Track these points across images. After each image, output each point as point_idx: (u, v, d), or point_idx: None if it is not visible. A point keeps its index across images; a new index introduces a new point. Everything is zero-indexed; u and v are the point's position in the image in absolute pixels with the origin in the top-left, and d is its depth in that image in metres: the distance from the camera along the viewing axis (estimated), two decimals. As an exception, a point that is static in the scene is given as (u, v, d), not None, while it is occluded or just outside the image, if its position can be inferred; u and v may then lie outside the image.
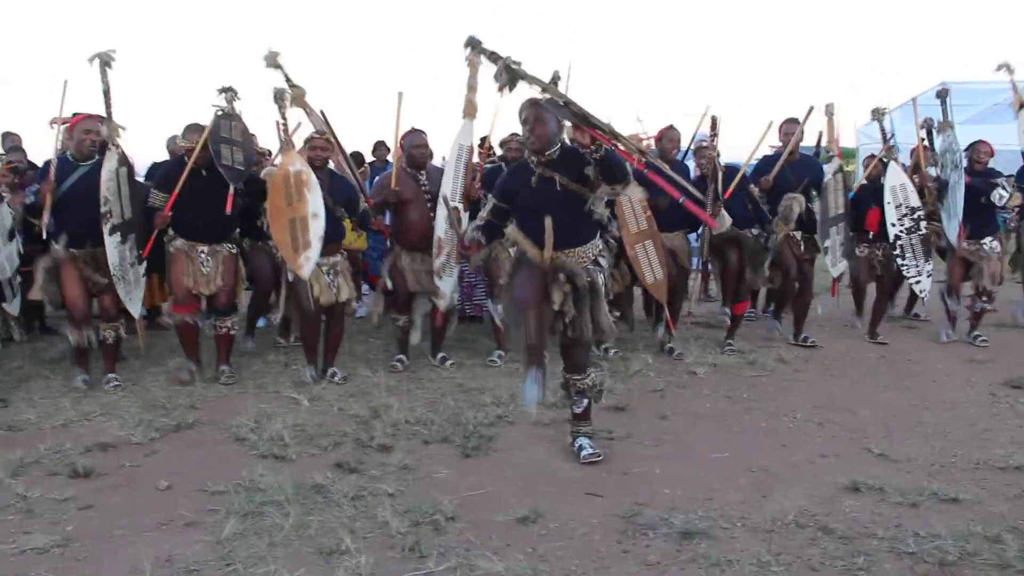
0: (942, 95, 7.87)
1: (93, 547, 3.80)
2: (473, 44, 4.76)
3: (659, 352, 7.25)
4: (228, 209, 6.08)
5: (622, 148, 4.43)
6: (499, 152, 7.53)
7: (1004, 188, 7.47)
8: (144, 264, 6.26)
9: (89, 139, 6.08)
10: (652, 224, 6.83)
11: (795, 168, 7.44)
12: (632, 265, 6.81)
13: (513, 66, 4.41)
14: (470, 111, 6.49)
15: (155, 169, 7.66)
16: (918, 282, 7.73)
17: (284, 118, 6.20)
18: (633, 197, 6.57)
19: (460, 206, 6.47)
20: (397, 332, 6.87)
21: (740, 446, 5.10)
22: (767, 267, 7.42)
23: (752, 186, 7.41)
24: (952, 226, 7.62)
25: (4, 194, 6.53)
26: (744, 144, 7.73)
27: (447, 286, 6.66)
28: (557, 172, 4.61)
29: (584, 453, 4.79)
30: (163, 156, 7.82)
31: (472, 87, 6.38)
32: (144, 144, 6.50)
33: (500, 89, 4.51)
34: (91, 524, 4.03)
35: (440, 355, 6.93)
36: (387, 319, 7.14)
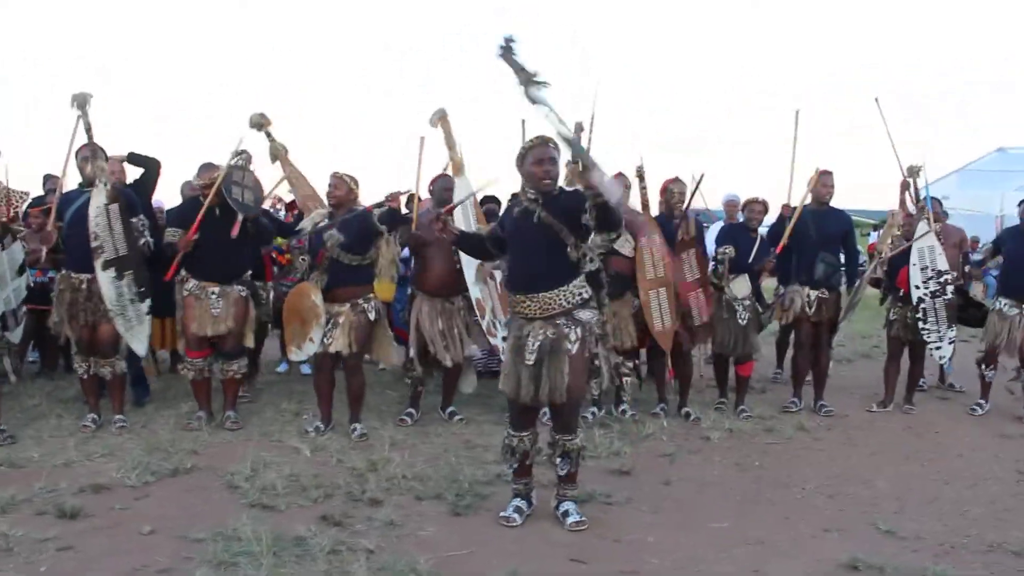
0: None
1: (62, 590, 3.78)
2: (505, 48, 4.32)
3: (677, 415, 7.09)
4: (234, 232, 6.17)
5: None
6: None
7: None
8: (148, 301, 6.28)
9: (87, 167, 6.18)
10: (669, 272, 6.72)
11: (819, 221, 7.19)
12: (643, 309, 6.71)
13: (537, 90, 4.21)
14: (457, 169, 6.51)
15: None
16: (938, 347, 7.43)
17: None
18: (625, 249, 6.53)
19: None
20: (412, 384, 6.80)
21: (742, 516, 4.92)
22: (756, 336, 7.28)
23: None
24: None
25: (21, 229, 6.66)
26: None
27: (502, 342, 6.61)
28: (542, 207, 4.50)
29: (570, 520, 4.62)
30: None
31: (449, 146, 6.39)
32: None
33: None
34: (66, 566, 4.01)
35: (449, 410, 6.84)
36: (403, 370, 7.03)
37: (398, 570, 3.95)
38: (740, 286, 7.10)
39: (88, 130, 6.19)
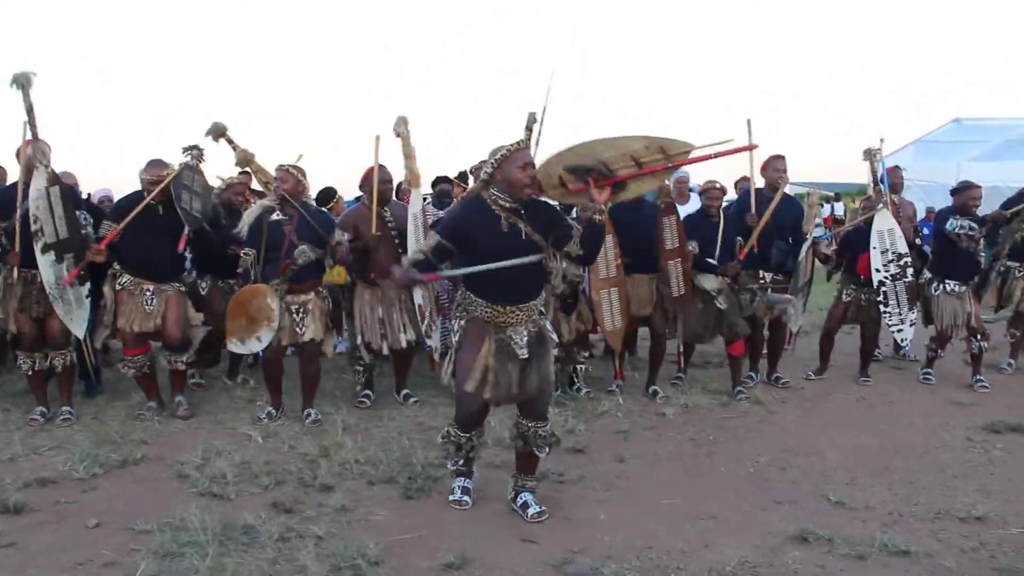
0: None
1: (3, 587, 3.72)
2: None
3: (643, 394, 7.09)
4: (180, 247, 6.07)
5: (651, 166, 4.28)
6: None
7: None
8: (88, 285, 6.16)
9: (27, 148, 6.00)
10: (620, 273, 6.73)
11: (775, 208, 7.11)
12: (594, 309, 6.72)
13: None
14: (415, 181, 6.50)
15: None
16: (900, 330, 7.48)
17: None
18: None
19: None
20: (361, 370, 6.74)
21: (693, 491, 4.94)
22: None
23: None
24: None
25: None
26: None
27: (436, 341, 6.64)
28: (522, 221, 4.37)
29: (531, 512, 4.52)
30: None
31: (408, 155, 6.40)
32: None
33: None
34: (8, 563, 3.94)
35: (404, 392, 6.81)
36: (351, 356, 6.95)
37: (347, 555, 3.92)
38: (709, 280, 6.99)
39: (30, 111, 5.96)
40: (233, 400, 6.79)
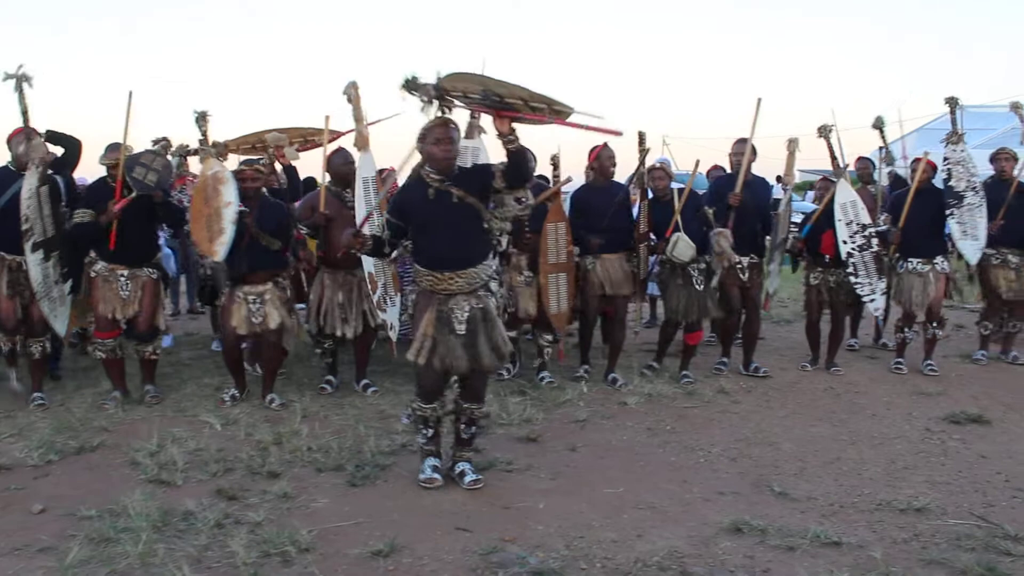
0: (951, 103, 7.87)
1: (-62, 572, 3.79)
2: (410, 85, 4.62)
3: (602, 381, 7.12)
4: (116, 208, 6.05)
5: (537, 114, 4.47)
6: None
7: None
8: (70, 282, 6.29)
9: (21, 149, 6.13)
10: (571, 259, 6.81)
11: (747, 190, 7.17)
12: (541, 291, 6.82)
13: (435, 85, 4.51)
14: (363, 143, 6.53)
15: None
16: (872, 300, 7.55)
17: (204, 135, 6.40)
18: (559, 228, 6.59)
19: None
20: (321, 353, 6.82)
21: (638, 481, 4.96)
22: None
23: (705, 208, 7.17)
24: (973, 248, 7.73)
25: None
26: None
27: (391, 316, 6.62)
28: (454, 186, 4.62)
29: (468, 480, 4.73)
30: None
31: (358, 119, 6.44)
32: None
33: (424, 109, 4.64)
34: (-53, 548, 4.01)
35: (363, 382, 6.83)
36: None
37: (278, 542, 3.97)
38: (683, 250, 6.91)
39: (25, 112, 6.09)
40: (201, 387, 6.85)
